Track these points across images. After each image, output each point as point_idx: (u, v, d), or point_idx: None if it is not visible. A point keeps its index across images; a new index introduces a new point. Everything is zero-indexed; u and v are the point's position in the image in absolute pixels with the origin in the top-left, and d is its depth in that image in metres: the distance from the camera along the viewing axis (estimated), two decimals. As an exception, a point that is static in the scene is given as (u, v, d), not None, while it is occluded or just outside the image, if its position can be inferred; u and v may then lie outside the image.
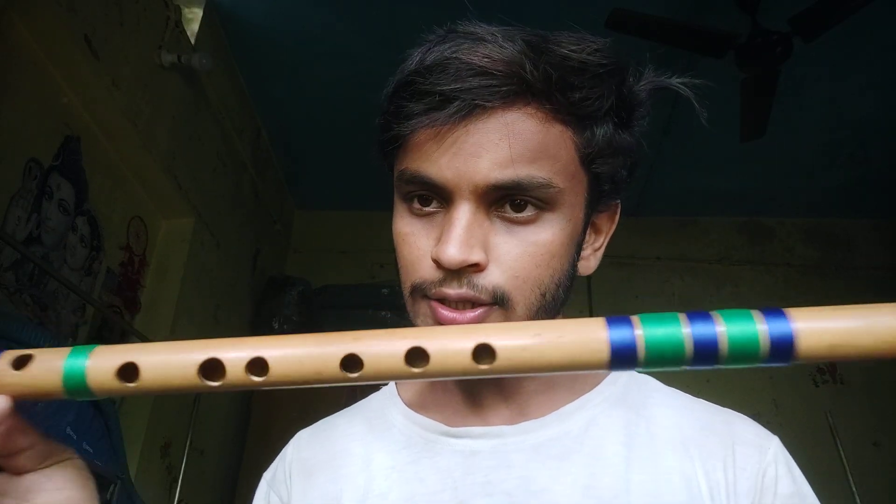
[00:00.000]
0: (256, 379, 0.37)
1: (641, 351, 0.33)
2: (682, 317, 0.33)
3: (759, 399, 3.00)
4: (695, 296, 3.33)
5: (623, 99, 0.54)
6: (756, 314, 0.33)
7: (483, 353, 0.37)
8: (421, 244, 0.53)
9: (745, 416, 0.59)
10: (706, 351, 0.32)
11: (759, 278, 3.39)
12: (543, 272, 0.52)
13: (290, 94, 2.81)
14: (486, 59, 0.50)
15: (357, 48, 2.51)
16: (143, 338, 1.92)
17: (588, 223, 0.56)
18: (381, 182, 0.64)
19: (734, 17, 2.15)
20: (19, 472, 0.42)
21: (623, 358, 0.33)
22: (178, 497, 2.04)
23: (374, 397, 0.66)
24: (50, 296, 1.71)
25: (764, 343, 0.32)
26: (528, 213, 0.51)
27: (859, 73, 2.58)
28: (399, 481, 0.56)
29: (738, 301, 3.35)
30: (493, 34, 0.52)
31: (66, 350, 0.40)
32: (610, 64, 0.52)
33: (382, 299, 2.98)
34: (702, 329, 0.32)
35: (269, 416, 2.65)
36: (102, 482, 1.54)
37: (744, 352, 0.32)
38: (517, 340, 0.36)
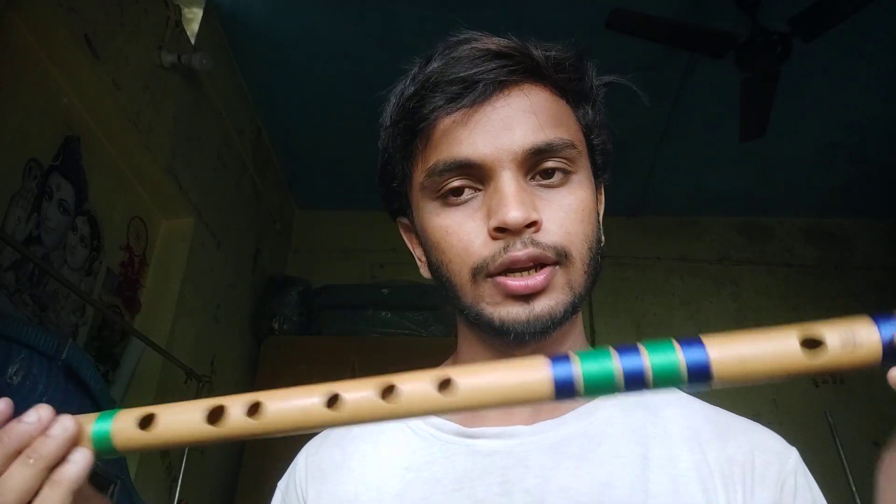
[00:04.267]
0: (253, 422, 0.40)
1: (580, 386, 0.36)
2: (612, 352, 0.36)
3: (759, 399, 3.00)
4: (695, 296, 3.33)
5: (592, 87, 0.61)
6: (675, 344, 0.35)
7: (446, 386, 0.38)
8: (469, 228, 0.54)
9: (761, 426, 0.59)
10: (635, 380, 0.35)
11: (759, 278, 3.39)
12: (588, 227, 0.55)
13: (290, 94, 2.81)
14: (497, 45, 0.55)
15: (357, 48, 2.51)
16: (144, 338, 1.91)
17: (596, 193, 0.60)
18: (382, 182, 0.64)
19: (734, 17, 2.15)
20: None
21: (565, 391, 0.36)
22: (178, 497, 2.03)
23: None
24: (50, 296, 1.71)
25: (683, 371, 0.35)
26: (558, 178, 0.55)
27: (859, 73, 2.58)
28: (415, 481, 0.56)
29: (739, 301, 3.35)
30: (486, 33, 0.57)
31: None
32: (578, 57, 0.59)
33: (382, 299, 2.98)
34: (631, 362, 0.35)
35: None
36: (102, 482, 1.54)
37: (668, 378, 0.35)
38: (477, 377, 0.38)
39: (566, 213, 0.54)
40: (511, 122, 0.53)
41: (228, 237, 2.61)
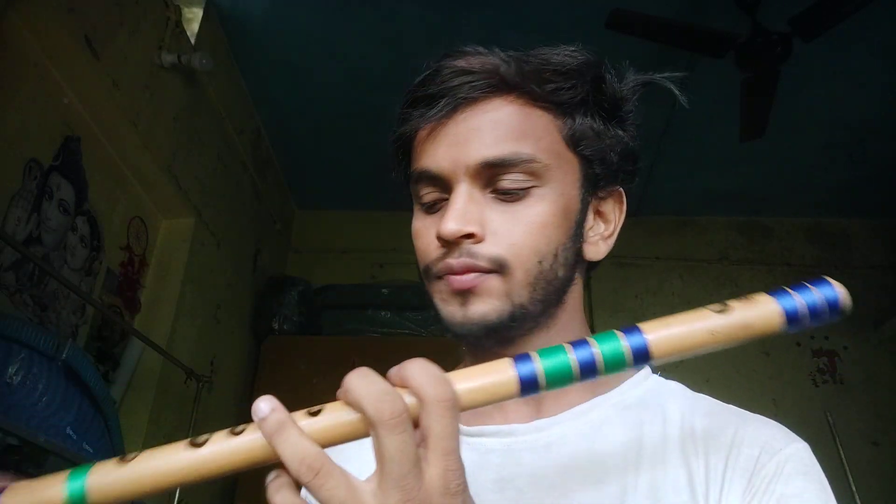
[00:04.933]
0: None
1: (543, 380, 0.40)
2: (567, 346, 0.41)
3: (759, 399, 3.00)
4: (694, 295, 3.33)
5: (602, 93, 0.60)
6: (619, 333, 0.41)
7: None
8: (429, 234, 0.58)
9: (772, 421, 0.57)
10: (589, 368, 0.40)
11: (758, 278, 3.39)
12: (538, 240, 0.56)
13: (290, 94, 2.81)
14: (465, 62, 0.58)
15: (357, 48, 2.51)
16: (144, 338, 1.92)
17: (586, 204, 0.60)
18: (381, 182, 0.65)
19: (734, 17, 2.15)
20: None
21: (529, 387, 0.40)
22: (178, 497, 2.04)
23: None
24: (50, 296, 1.71)
25: (628, 355, 0.40)
26: (518, 192, 0.56)
27: (859, 73, 2.58)
28: None
29: (738, 301, 3.35)
30: (475, 48, 0.60)
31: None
32: (580, 64, 0.59)
33: (382, 299, 2.98)
34: (583, 353, 0.40)
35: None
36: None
37: (616, 364, 0.40)
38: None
39: (515, 226, 0.55)
40: (469, 136, 0.56)
41: (228, 237, 2.61)
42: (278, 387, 2.78)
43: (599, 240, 0.62)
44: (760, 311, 0.42)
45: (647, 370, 0.63)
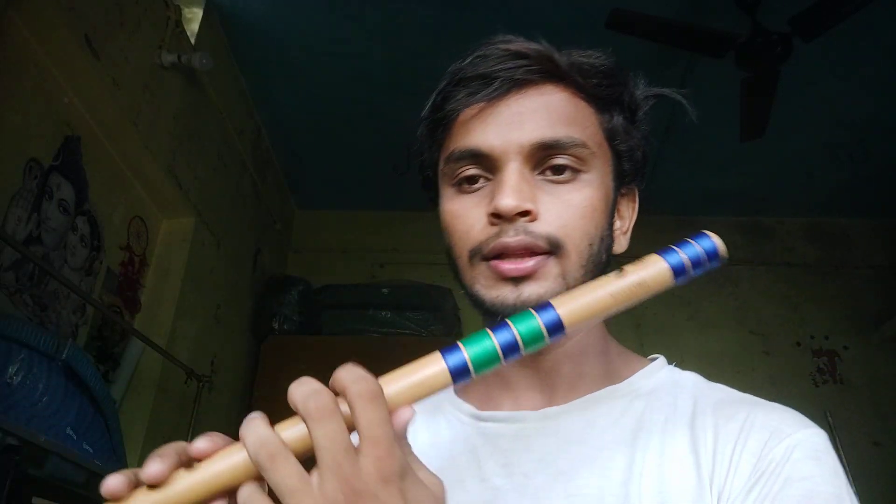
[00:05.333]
0: None
1: (471, 366, 0.42)
2: (489, 332, 0.43)
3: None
4: (695, 296, 3.33)
5: (630, 97, 0.62)
6: (534, 312, 0.44)
7: None
8: (473, 214, 0.58)
9: (787, 408, 0.57)
10: (512, 349, 0.43)
11: (759, 278, 3.39)
12: (588, 223, 0.57)
13: (290, 94, 2.81)
14: (521, 47, 0.59)
15: (357, 48, 2.51)
16: (144, 338, 1.91)
17: (616, 198, 0.62)
18: (381, 182, 0.65)
19: (734, 17, 2.15)
20: None
21: (460, 375, 0.42)
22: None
23: None
24: (50, 296, 1.71)
25: (544, 330, 0.43)
26: (567, 175, 0.57)
27: (859, 73, 2.58)
28: (435, 458, 0.58)
29: (739, 301, 3.35)
30: (517, 37, 0.60)
31: None
32: (613, 66, 0.62)
33: (382, 299, 2.98)
34: (504, 336, 0.43)
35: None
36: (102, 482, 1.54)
37: (535, 340, 0.43)
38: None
39: (566, 208, 0.56)
40: (522, 118, 0.57)
41: (228, 237, 2.61)
42: (278, 387, 2.77)
43: (620, 234, 0.64)
44: (651, 270, 0.47)
45: (661, 361, 0.64)
